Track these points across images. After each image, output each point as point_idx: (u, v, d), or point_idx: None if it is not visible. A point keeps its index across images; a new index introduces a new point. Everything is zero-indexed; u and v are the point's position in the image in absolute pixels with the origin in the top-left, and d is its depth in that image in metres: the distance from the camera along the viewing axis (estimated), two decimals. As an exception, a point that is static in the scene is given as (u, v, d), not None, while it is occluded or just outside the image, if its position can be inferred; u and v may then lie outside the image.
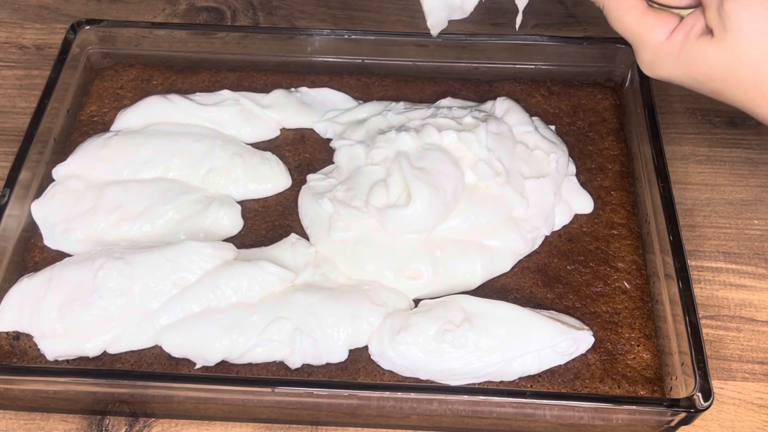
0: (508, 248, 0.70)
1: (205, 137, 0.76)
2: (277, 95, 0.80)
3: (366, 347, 0.65)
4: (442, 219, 0.69)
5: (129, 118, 0.79)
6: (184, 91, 0.81)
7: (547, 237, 0.72)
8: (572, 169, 0.76)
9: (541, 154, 0.74)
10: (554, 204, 0.73)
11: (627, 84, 0.82)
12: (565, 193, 0.74)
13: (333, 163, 0.76)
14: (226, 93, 0.80)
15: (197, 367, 0.64)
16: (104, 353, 0.65)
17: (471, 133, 0.71)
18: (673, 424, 0.61)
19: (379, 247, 0.69)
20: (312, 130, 0.80)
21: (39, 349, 0.65)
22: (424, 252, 0.68)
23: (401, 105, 0.80)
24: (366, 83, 0.84)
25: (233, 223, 0.73)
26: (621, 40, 0.81)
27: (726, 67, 0.56)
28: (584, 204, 0.74)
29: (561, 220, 0.73)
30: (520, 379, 0.64)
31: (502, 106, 0.78)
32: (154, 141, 0.76)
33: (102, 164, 0.75)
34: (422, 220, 0.68)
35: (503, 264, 0.70)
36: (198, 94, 0.80)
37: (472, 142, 0.71)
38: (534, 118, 0.78)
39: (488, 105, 0.79)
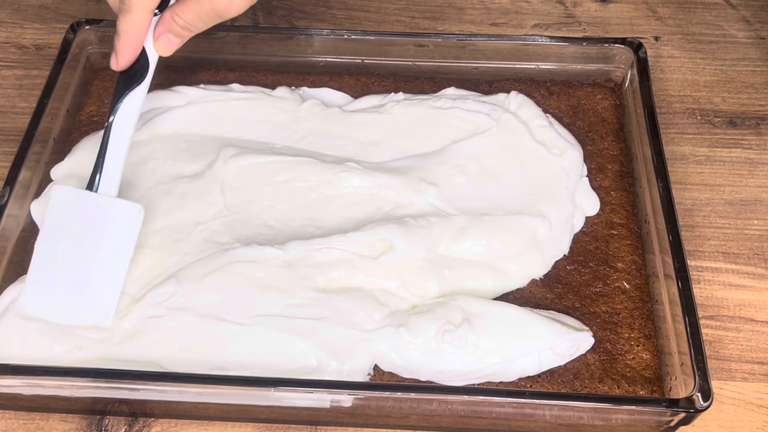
0: (528, 274, 0.69)
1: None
2: (282, 92, 0.81)
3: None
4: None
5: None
6: (184, 91, 0.81)
7: (546, 237, 0.72)
8: (584, 170, 0.76)
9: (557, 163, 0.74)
10: (573, 214, 0.73)
11: (626, 84, 0.82)
12: (577, 196, 0.74)
13: None
14: (236, 87, 0.81)
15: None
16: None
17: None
18: (672, 424, 0.61)
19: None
20: None
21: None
22: (433, 271, 0.68)
23: (401, 95, 0.80)
24: (366, 83, 0.84)
25: None
26: (621, 40, 0.82)
27: None
28: (592, 206, 0.74)
29: (577, 225, 0.73)
30: (520, 379, 0.64)
31: (516, 100, 0.79)
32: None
33: None
34: None
35: (518, 284, 0.69)
36: (203, 85, 0.81)
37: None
38: (547, 114, 0.79)
39: (500, 97, 0.79)
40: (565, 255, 0.71)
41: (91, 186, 0.65)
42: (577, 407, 0.60)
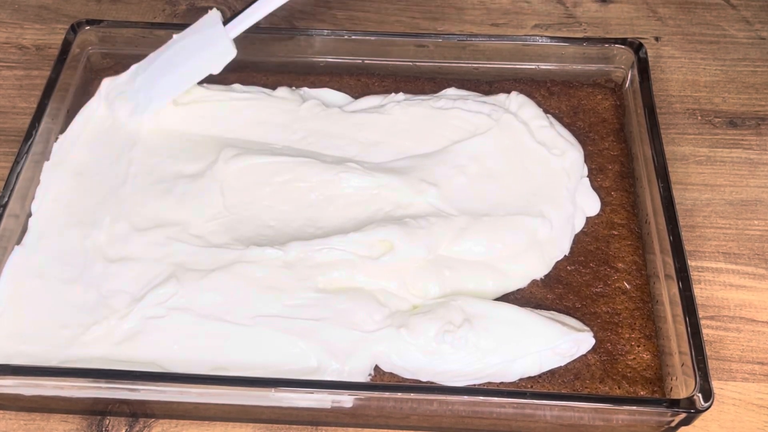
0: (528, 275, 0.69)
1: None
2: (282, 92, 0.81)
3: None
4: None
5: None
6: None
7: (546, 237, 0.72)
8: (585, 170, 0.76)
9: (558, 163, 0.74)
10: (573, 215, 0.73)
11: (627, 84, 0.82)
12: (578, 197, 0.74)
13: None
14: (236, 87, 0.81)
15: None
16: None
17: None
18: (673, 424, 0.61)
19: None
20: None
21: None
22: (433, 271, 0.68)
23: (401, 96, 0.80)
24: (366, 83, 0.84)
25: None
26: (621, 41, 0.82)
27: None
28: (593, 206, 0.74)
29: (577, 226, 0.73)
30: (520, 379, 0.64)
31: (516, 100, 0.79)
32: None
33: None
34: None
35: (518, 284, 0.69)
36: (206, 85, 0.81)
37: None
38: (548, 114, 0.79)
39: (501, 98, 0.80)
40: (565, 255, 0.71)
41: (226, 21, 0.76)
42: (578, 408, 0.60)
